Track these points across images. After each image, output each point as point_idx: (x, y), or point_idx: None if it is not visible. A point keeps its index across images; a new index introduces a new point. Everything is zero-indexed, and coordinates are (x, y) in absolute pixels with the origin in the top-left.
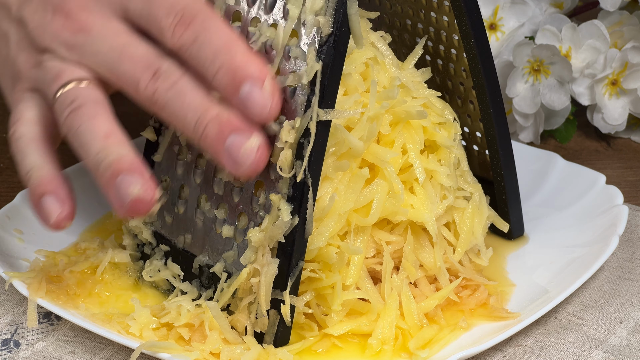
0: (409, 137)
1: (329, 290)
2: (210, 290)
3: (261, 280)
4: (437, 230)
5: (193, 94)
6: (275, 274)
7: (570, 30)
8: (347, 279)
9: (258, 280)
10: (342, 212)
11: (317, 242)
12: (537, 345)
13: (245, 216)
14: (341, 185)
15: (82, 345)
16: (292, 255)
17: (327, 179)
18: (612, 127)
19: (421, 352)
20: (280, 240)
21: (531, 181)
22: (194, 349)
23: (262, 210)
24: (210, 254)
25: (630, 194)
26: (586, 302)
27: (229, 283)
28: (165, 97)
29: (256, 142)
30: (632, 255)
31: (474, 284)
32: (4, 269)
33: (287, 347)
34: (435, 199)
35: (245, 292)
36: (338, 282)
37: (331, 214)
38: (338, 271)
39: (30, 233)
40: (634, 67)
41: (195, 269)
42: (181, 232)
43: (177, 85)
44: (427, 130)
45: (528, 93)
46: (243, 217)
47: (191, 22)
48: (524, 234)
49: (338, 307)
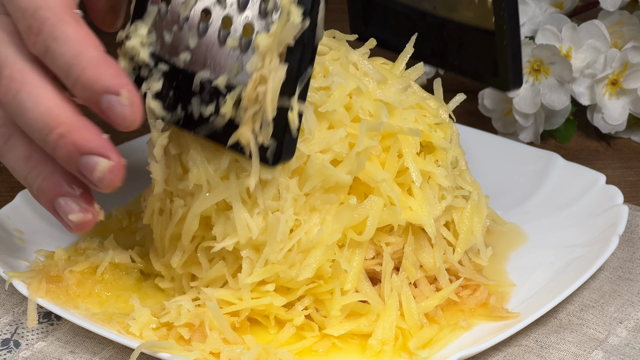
0: (404, 141)
1: (327, 295)
2: (212, 105)
3: (268, 85)
4: (435, 232)
5: (35, 109)
6: (283, 80)
7: (570, 30)
8: (345, 285)
9: (265, 88)
10: (330, 244)
11: (305, 273)
12: (537, 345)
13: (251, 26)
14: (328, 216)
15: (82, 345)
16: (302, 60)
17: (315, 210)
18: (612, 127)
19: (421, 352)
20: (289, 45)
21: (531, 181)
22: (194, 349)
23: (270, 16)
24: (212, 69)
25: (630, 194)
26: (586, 302)
27: (232, 94)
28: (8, 110)
29: (105, 165)
30: (632, 255)
31: (474, 283)
32: (4, 269)
33: (287, 347)
34: (433, 200)
35: (250, 102)
36: (337, 288)
37: (319, 245)
38: (337, 277)
39: (30, 233)
40: (634, 67)
41: (195, 85)
42: (181, 49)
43: (18, 97)
44: (422, 133)
45: (528, 93)
46: (248, 27)
47: (40, 31)
48: (524, 234)
49: (337, 312)
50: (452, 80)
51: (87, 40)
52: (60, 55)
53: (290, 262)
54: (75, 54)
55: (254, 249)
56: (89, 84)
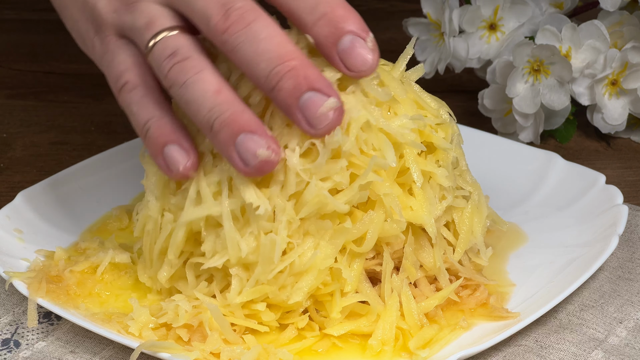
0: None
1: (327, 297)
2: None
3: None
4: (436, 232)
5: (270, 40)
6: None
7: (570, 30)
8: (345, 287)
9: None
10: (322, 268)
11: (296, 296)
12: (537, 345)
13: None
14: (322, 240)
15: (82, 345)
16: None
17: (309, 235)
18: (612, 127)
19: (421, 352)
20: None
21: (531, 181)
22: (194, 349)
23: None
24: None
25: (630, 194)
26: (586, 302)
27: None
28: (236, 39)
29: (334, 104)
30: (632, 255)
31: (474, 283)
32: (4, 269)
33: (287, 347)
34: (434, 200)
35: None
36: (337, 290)
37: (311, 269)
38: (336, 280)
39: (30, 233)
40: (634, 67)
41: None
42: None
43: (253, 27)
44: (423, 134)
45: (528, 93)
46: None
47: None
48: (524, 234)
49: (337, 314)
50: (452, 80)
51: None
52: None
53: (281, 284)
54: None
55: (243, 267)
56: (339, 20)
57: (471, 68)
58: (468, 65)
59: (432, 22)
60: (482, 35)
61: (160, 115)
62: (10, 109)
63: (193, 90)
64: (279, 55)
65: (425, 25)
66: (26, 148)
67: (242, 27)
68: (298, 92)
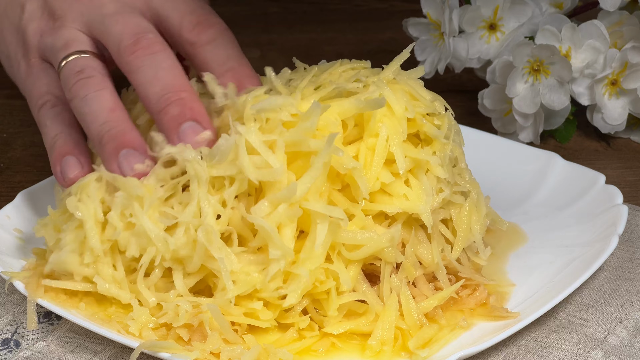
0: (391, 127)
1: (324, 295)
2: None
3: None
4: (432, 222)
5: (170, 70)
6: None
7: (570, 30)
8: (342, 286)
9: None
10: (312, 268)
11: (290, 299)
12: (537, 344)
13: None
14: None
15: (82, 345)
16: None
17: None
18: (612, 127)
19: (421, 352)
20: None
21: (531, 181)
22: (194, 349)
23: None
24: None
25: (630, 194)
26: (586, 302)
27: None
28: (141, 62)
29: (208, 136)
30: (632, 255)
31: (473, 283)
32: (4, 269)
33: (287, 346)
34: (430, 191)
35: None
36: (332, 288)
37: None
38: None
39: (31, 233)
40: (634, 67)
41: None
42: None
43: (157, 56)
44: (414, 122)
45: (528, 93)
46: None
47: (211, 27)
48: (524, 234)
49: (334, 312)
50: (452, 80)
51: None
52: (224, 48)
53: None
54: (239, 53)
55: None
56: (242, 77)
57: (471, 68)
58: (468, 65)
59: (432, 22)
60: (482, 35)
61: (69, 132)
62: (10, 109)
63: (92, 104)
64: (173, 85)
65: (425, 25)
66: (26, 148)
67: (148, 54)
68: (181, 118)
